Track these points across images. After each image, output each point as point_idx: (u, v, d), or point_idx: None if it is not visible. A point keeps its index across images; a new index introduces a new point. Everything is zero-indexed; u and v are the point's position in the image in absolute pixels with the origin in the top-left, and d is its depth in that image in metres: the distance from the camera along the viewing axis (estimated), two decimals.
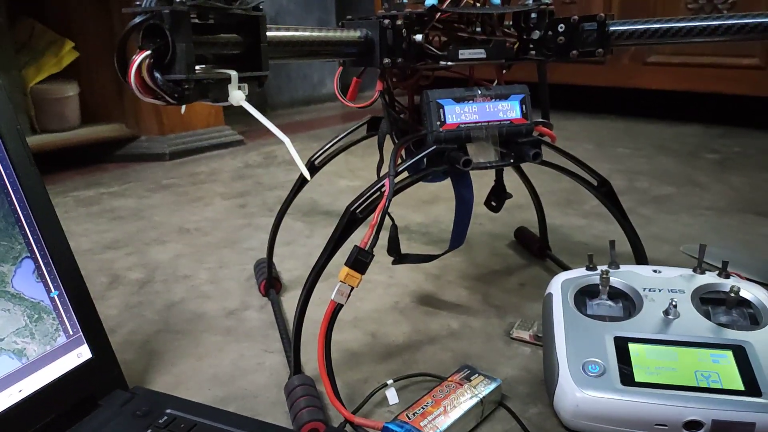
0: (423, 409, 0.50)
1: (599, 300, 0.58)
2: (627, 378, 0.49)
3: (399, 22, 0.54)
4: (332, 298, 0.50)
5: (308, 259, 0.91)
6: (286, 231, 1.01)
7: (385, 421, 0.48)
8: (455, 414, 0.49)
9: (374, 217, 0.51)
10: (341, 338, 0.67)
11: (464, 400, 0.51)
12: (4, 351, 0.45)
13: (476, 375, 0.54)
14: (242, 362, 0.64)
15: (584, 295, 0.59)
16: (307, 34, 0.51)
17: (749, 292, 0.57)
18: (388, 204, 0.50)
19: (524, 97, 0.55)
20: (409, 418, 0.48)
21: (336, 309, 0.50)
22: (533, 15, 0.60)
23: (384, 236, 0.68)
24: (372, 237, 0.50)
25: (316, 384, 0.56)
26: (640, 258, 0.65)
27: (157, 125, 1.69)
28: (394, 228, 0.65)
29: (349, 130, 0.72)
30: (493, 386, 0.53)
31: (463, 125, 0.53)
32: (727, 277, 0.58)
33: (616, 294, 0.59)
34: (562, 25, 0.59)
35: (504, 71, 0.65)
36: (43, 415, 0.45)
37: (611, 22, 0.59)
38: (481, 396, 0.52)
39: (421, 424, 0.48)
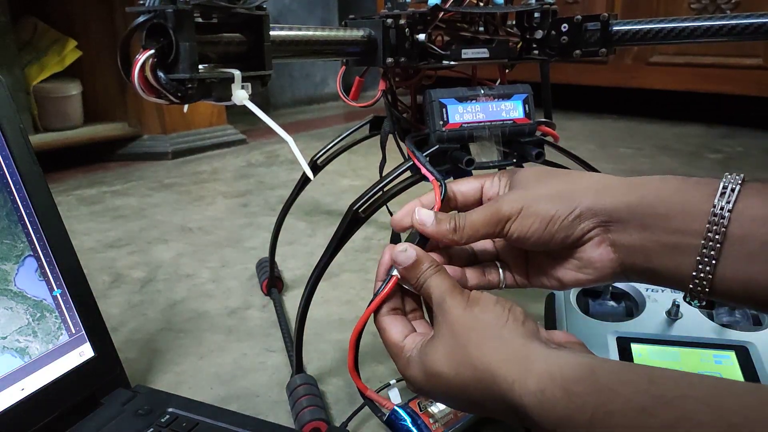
0: (433, 402, 0.49)
1: (602, 300, 0.58)
2: None
3: (402, 21, 0.53)
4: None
5: (310, 259, 0.91)
6: (288, 230, 1.01)
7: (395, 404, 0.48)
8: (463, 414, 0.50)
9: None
10: (344, 337, 0.67)
11: None
12: (6, 349, 0.45)
13: None
14: (244, 361, 0.64)
15: (587, 295, 0.59)
16: (310, 33, 0.51)
17: None
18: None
19: (527, 97, 0.54)
20: (420, 409, 0.48)
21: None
22: (536, 15, 0.60)
23: (386, 236, 0.68)
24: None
25: (318, 383, 0.56)
26: None
27: (159, 124, 1.69)
28: None
29: (351, 130, 0.72)
30: None
31: (465, 125, 0.53)
32: None
33: (618, 294, 0.59)
34: (565, 24, 0.58)
35: (507, 71, 0.65)
36: (45, 414, 0.45)
37: (614, 21, 0.59)
38: None
39: (430, 420, 0.48)
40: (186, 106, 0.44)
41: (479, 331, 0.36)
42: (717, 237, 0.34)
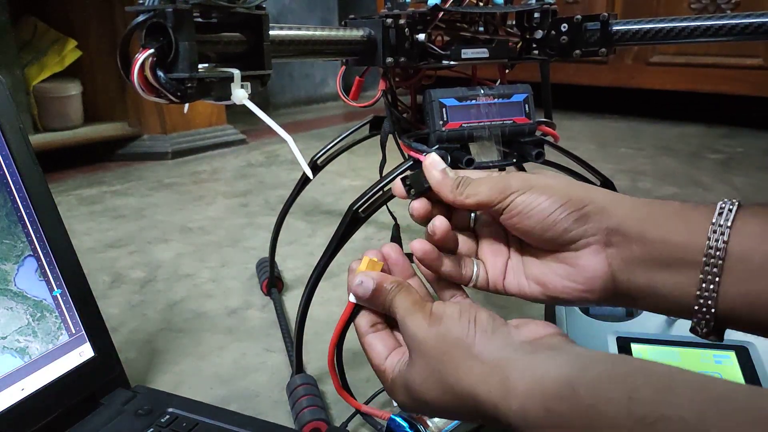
0: None
1: None
2: None
3: (402, 21, 0.53)
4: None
5: (310, 259, 0.91)
6: (288, 230, 1.01)
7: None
8: None
9: None
10: None
11: None
12: (6, 349, 0.45)
13: None
14: (244, 361, 0.64)
15: None
16: (309, 33, 0.51)
17: None
18: None
19: (527, 97, 0.54)
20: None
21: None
22: (536, 15, 0.60)
23: (386, 236, 0.68)
24: None
25: (318, 383, 0.56)
26: None
27: (159, 124, 1.69)
28: (396, 227, 0.65)
29: (351, 130, 0.72)
30: None
31: (465, 125, 0.53)
32: None
33: None
34: (565, 24, 0.58)
35: (507, 71, 0.65)
36: (45, 414, 0.45)
37: (614, 21, 0.59)
38: None
39: (428, 422, 0.48)
40: (186, 106, 0.44)
41: (449, 353, 0.35)
42: (718, 253, 0.34)
